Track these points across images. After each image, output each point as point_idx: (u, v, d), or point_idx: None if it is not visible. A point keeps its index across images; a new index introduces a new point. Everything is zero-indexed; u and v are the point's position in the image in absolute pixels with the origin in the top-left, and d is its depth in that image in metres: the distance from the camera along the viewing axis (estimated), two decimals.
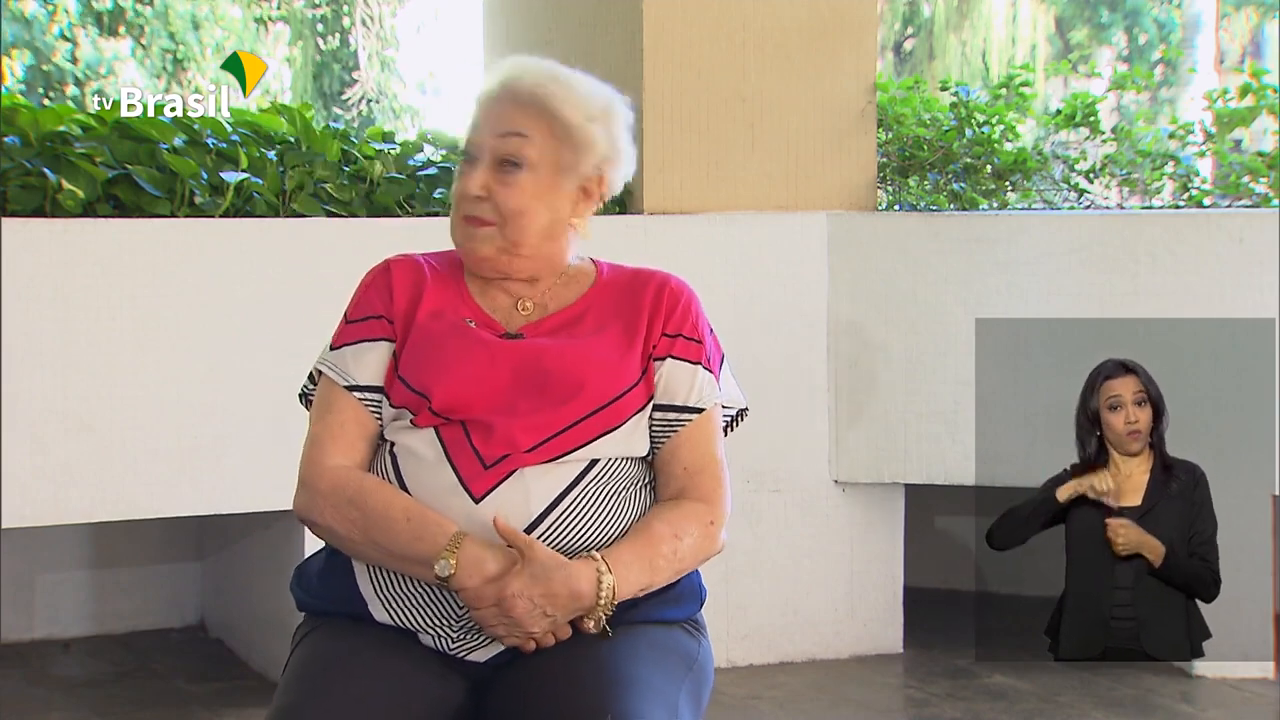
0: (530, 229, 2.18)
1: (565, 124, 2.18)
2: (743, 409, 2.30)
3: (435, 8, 17.18)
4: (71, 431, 3.83)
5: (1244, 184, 4.93)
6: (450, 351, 2.15)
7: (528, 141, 2.16)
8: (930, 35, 17.31)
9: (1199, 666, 4.35)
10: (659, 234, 4.41)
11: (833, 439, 4.57)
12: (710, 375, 2.21)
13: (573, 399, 2.11)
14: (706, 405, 2.19)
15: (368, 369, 2.19)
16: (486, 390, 2.11)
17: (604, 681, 2.00)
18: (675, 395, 2.18)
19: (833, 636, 4.60)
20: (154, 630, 4.85)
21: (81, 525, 4.36)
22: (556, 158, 2.18)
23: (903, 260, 4.55)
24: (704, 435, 2.20)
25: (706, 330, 2.24)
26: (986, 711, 4.09)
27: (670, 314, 2.20)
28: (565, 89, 2.20)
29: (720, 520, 2.19)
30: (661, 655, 2.10)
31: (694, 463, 2.18)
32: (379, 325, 2.20)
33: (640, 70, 4.45)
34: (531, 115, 2.17)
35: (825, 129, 4.64)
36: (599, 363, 2.15)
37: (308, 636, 2.15)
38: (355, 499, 2.11)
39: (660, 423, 2.18)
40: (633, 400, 2.15)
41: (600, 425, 2.12)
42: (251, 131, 4.24)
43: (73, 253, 3.82)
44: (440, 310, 2.19)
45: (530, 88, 2.19)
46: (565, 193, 2.20)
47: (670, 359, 2.18)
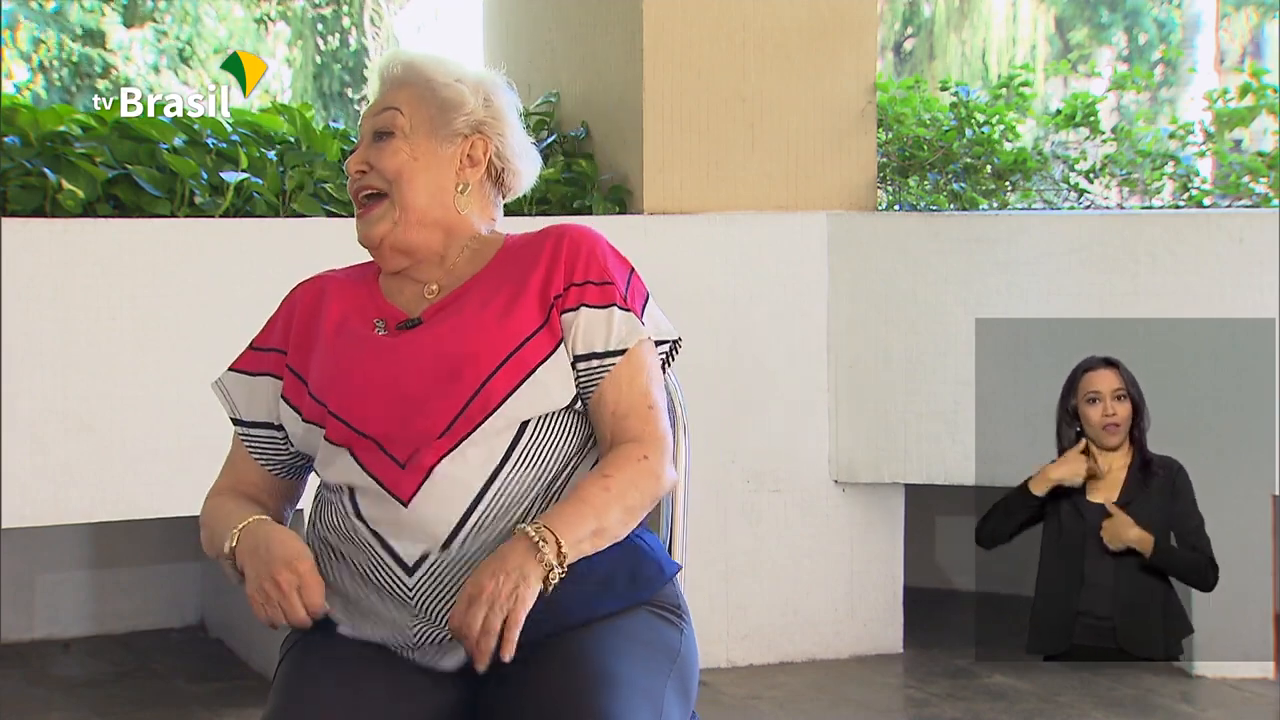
0: (413, 189, 2.17)
1: (430, 84, 2.20)
2: (675, 340, 2.23)
3: (435, 8, 17.17)
4: (71, 431, 3.83)
5: (1244, 184, 4.93)
6: (344, 358, 2.14)
7: (398, 113, 2.19)
8: (930, 35, 17.30)
9: (1199, 666, 4.35)
10: (659, 234, 4.41)
11: (833, 439, 4.57)
12: (628, 313, 2.14)
13: (467, 369, 2.07)
14: (629, 344, 2.13)
15: (257, 406, 2.23)
16: (377, 390, 2.09)
17: (587, 681, 1.97)
18: (594, 343, 2.12)
19: (833, 636, 4.60)
20: (154, 630, 4.85)
21: (81, 525, 4.36)
22: (428, 120, 2.19)
23: (903, 260, 4.55)
24: (630, 376, 2.13)
25: (619, 270, 2.17)
26: (986, 711, 4.09)
27: (573, 263, 2.15)
28: (431, 59, 2.24)
29: (655, 453, 2.10)
30: (645, 651, 2.07)
31: (620, 406, 2.12)
32: (270, 359, 2.23)
33: (640, 70, 4.45)
34: (402, 88, 2.21)
35: (825, 129, 4.64)
36: (487, 324, 2.10)
37: (296, 645, 2.14)
38: (205, 523, 2.20)
39: (585, 373, 2.12)
40: (535, 350, 2.10)
41: (505, 385, 2.06)
42: (251, 131, 4.25)
43: (73, 253, 3.82)
44: (347, 318, 2.18)
45: (401, 62, 2.24)
46: (444, 156, 2.19)
47: (583, 308, 2.13)
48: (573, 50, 4.77)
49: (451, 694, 2.10)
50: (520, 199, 2.82)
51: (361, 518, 2.09)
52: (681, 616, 2.19)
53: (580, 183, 4.55)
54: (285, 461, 2.25)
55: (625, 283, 2.17)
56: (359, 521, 2.09)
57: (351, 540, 2.09)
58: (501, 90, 2.26)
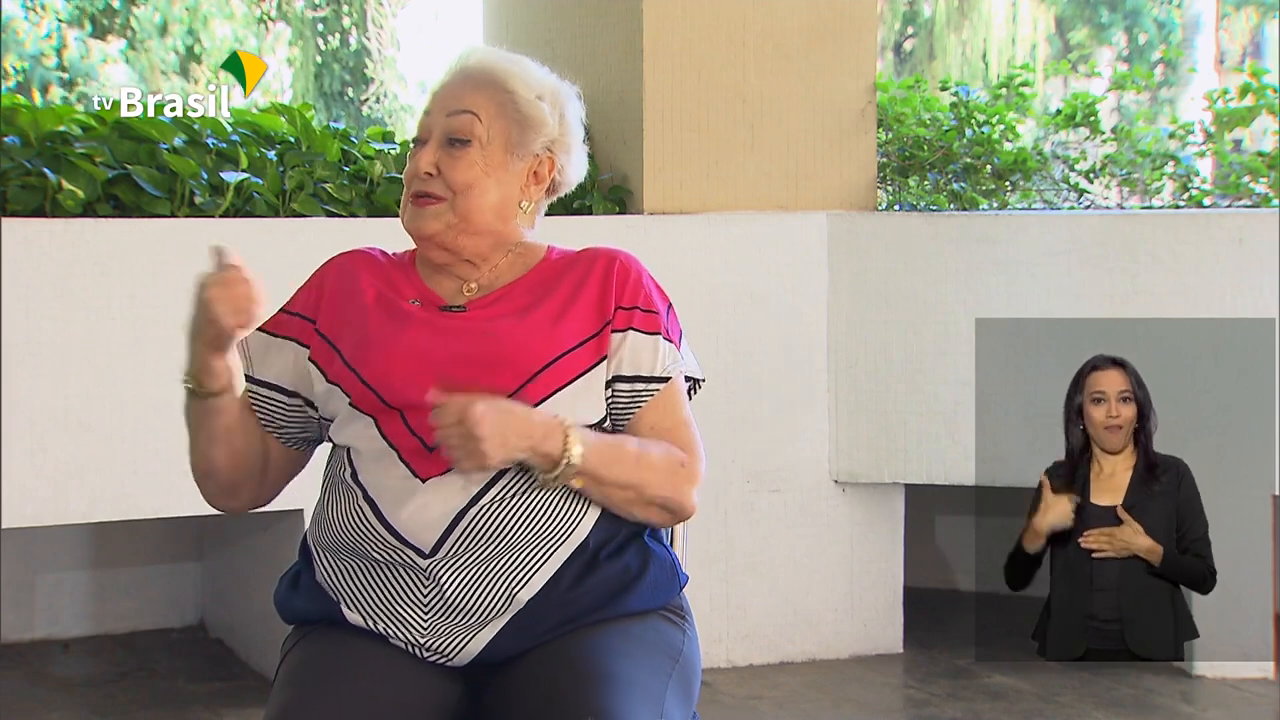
0: (480, 205, 2.16)
1: (514, 100, 2.18)
2: (699, 379, 2.26)
3: (435, 8, 17.18)
4: (71, 431, 3.83)
5: (1244, 184, 4.93)
6: (382, 328, 2.14)
7: (476, 119, 2.16)
8: (930, 35, 17.30)
9: (1199, 666, 4.35)
10: (659, 234, 4.41)
11: (833, 439, 4.57)
12: (671, 345, 2.17)
13: (512, 365, 2.08)
14: (672, 373, 2.16)
15: (272, 368, 2.22)
16: (418, 364, 2.09)
17: (589, 681, 1.98)
18: (640, 366, 2.14)
19: (833, 636, 4.60)
20: (154, 630, 4.85)
21: (81, 525, 4.36)
22: (505, 134, 2.17)
23: (903, 260, 4.55)
24: (671, 403, 2.16)
25: (662, 303, 2.20)
26: (986, 711, 4.09)
27: (623, 287, 2.16)
28: (515, 67, 2.21)
29: (691, 466, 2.13)
30: (646, 651, 2.08)
31: (661, 424, 2.14)
32: (295, 324, 2.22)
33: (640, 70, 4.45)
34: (481, 93, 2.18)
35: (825, 129, 4.64)
36: (539, 327, 2.12)
37: (299, 644, 2.14)
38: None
39: (626, 394, 2.14)
40: (578, 360, 2.11)
41: (543, 389, 2.08)
42: (251, 131, 4.25)
43: (73, 253, 3.82)
44: (382, 294, 2.18)
45: (479, 65, 2.20)
46: (514, 171, 2.19)
47: (631, 331, 2.14)
48: (573, 50, 4.77)
49: (456, 689, 2.10)
50: None
51: (359, 482, 2.09)
52: (685, 618, 2.21)
53: (580, 182, 4.54)
54: (284, 428, 2.24)
55: (666, 315, 2.20)
56: (359, 488, 2.09)
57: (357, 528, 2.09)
58: (572, 104, 2.27)
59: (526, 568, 2.06)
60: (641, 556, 2.15)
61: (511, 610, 2.06)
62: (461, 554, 2.05)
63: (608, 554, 2.11)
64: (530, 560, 2.06)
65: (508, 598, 2.06)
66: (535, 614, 2.07)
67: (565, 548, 2.08)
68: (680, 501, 2.13)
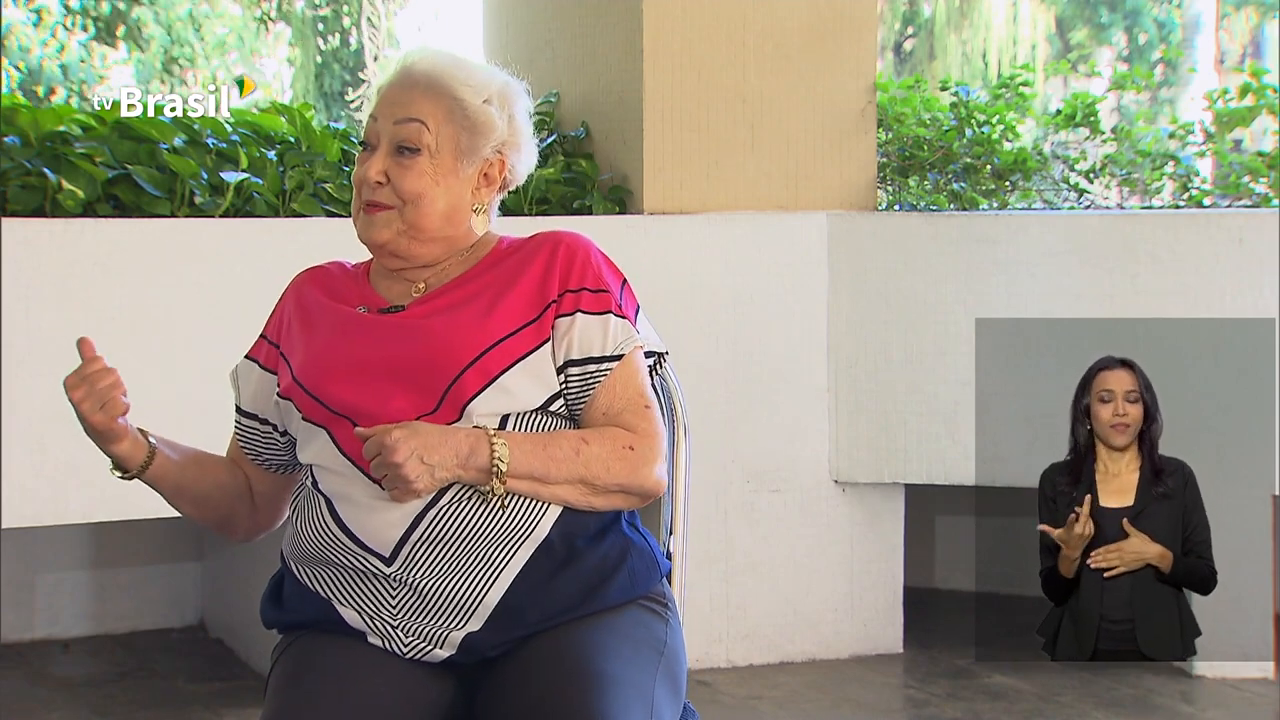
0: (429, 212, 2.15)
1: (462, 106, 2.16)
2: (662, 353, 2.23)
3: (435, 8, 17.18)
4: (71, 431, 3.81)
5: (1244, 184, 4.93)
6: (326, 338, 2.15)
7: (424, 128, 2.15)
8: (930, 35, 17.31)
9: (1199, 666, 4.35)
10: (659, 234, 4.41)
11: (833, 439, 4.57)
12: (623, 320, 2.14)
13: (442, 361, 2.07)
14: (625, 350, 2.13)
15: (248, 394, 2.27)
16: (357, 369, 2.09)
17: (580, 682, 1.98)
18: (590, 348, 2.12)
19: (833, 636, 4.60)
20: (154, 630, 4.85)
21: (81, 525, 4.36)
22: (454, 141, 2.16)
23: (903, 260, 4.55)
24: (625, 379, 2.13)
25: (613, 279, 2.17)
26: (986, 711, 4.09)
27: (569, 269, 2.14)
28: (461, 71, 2.19)
29: (641, 446, 2.10)
30: (633, 647, 2.07)
31: (614, 405, 2.12)
32: (264, 349, 2.26)
33: (640, 70, 4.45)
34: (429, 100, 2.16)
35: (825, 129, 4.64)
36: (472, 319, 2.11)
37: (289, 649, 2.14)
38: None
39: (579, 378, 2.12)
40: (516, 345, 2.09)
41: (479, 379, 2.07)
42: (251, 131, 4.25)
43: (73, 253, 3.82)
44: (330, 305, 2.20)
45: (426, 70, 2.18)
46: (464, 177, 2.18)
47: (579, 314, 2.12)
48: (573, 50, 4.77)
49: (447, 691, 2.11)
50: (521, 199, 2.85)
51: (321, 490, 2.11)
52: (667, 606, 2.20)
53: (580, 183, 4.55)
54: (263, 454, 2.27)
55: (619, 291, 2.18)
56: (322, 496, 2.10)
57: (320, 535, 2.10)
58: (520, 101, 2.24)
59: (491, 567, 2.05)
60: (620, 546, 2.14)
61: (484, 610, 2.06)
62: (423, 558, 2.05)
63: (583, 544, 2.10)
64: (493, 559, 2.05)
65: (476, 598, 2.05)
66: (510, 612, 2.06)
67: (529, 544, 2.06)
68: (640, 484, 2.11)
